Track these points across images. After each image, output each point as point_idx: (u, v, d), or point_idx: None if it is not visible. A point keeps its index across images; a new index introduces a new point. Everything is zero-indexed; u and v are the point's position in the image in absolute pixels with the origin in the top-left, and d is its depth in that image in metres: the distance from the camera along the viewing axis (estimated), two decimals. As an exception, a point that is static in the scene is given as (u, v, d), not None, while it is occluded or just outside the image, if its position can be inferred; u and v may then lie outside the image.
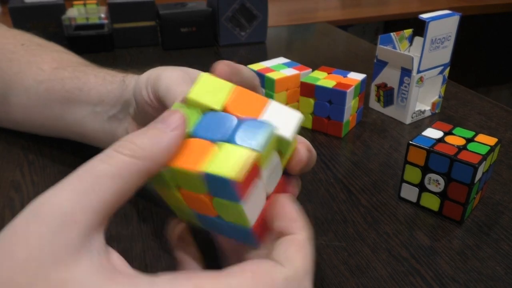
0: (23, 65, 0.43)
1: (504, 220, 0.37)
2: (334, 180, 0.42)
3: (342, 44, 0.87)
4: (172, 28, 0.79)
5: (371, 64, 0.56)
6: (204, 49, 0.81)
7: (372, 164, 0.45)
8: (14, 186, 0.41)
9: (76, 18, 0.75)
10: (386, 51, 0.52)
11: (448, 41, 0.52)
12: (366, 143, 0.49)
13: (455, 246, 0.34)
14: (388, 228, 0.36)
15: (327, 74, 0.52)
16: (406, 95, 0.52)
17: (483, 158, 0.34)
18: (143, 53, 0.78)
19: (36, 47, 0.46)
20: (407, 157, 0.37)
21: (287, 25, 1.02)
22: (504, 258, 0.33)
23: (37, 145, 0.47)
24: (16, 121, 0.46)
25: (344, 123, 0.50)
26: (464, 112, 0.57)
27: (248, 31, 0.83)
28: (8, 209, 0.38)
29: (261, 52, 0.80)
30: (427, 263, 0.33)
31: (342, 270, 0.32)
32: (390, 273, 0.32)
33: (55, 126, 0.43)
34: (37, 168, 0.44)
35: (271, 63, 0.55)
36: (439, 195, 0.37)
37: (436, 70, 0.53)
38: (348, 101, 0.48)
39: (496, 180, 0.42)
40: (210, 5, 0.82)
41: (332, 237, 0.35)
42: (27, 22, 0.74)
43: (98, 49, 0.78)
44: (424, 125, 0.53)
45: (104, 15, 0.76)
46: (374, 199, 0.40)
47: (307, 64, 0.55)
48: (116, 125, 0.37)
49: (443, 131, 0.39)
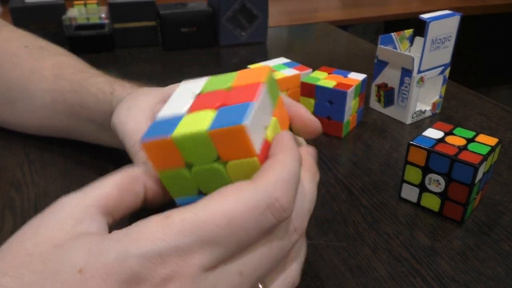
0: (26, 70, 0.44)
1: (504, 221, 0.37)
2: (334, 180, 0.42)
3: (343, 44, 0.86)
4: (173, 28, 0.79)
5: (372, 64, 0.56)
6: (204, 49, 0.81)
7: (373, 164, 0.45)
8: (14, 185, 0.41)
9: (76, 18, 0.75)
10: (387, 51, 0.52)
11: (448, 41, 0.52)
12: (367, 143, 0.49)
13: (456, 247, 0.34)
14: (389, 228, 0.36)
15: (328, 74, 0.52)
16: (407, 95, 0.52)
17: (483, 158, 0.34)
18: (143, 53, 0.78)
19: (39, 50, 0.47)
20: (408, 157, 0.37)
21: (287, 25, 1.02)
22: (505, 259, 0.33)
23: (38, 145, 0.47)
24: (23, 125, 0.47)
25: (345, 123, 0.50)
26: (464, 112, 0.57)
27: (248, 31, 0.83)
28: (9, 209, 0.38)
29: (262, 52, 0.80)
30: (428, 264, 0.33)
31: (342, 270, 0.32)
32: (391, 273, 0.32)
33: (66, 133, 0.44)
34: (38, 168, 0.44)
35: (272, 63, 0.55)
36: (439, 195, 0.37)
37: (437, 71, 0.53)
38: (349, 101, 0.48)
39: (497, 181, 0.42)
40: (210, 5, 0.82)
41: (333, 237, 0.35)
42: (28, 22, 0.74)
43: (99, 49, 0.78)
44: (425, 125, 0.53)
45: (105, 15, 0.76)
46: (375, 199, 0.40)
47: (308, 64, 0.55)
48: None
49: (444, 131, 0.39)
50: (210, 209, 0.19)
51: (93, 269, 0.17)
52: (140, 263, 0.18)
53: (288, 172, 0.21)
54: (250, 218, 0.19)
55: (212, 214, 0.19)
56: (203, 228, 0.18)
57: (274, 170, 0.20)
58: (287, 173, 0.21)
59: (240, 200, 0.19)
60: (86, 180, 0.23)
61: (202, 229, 0.18)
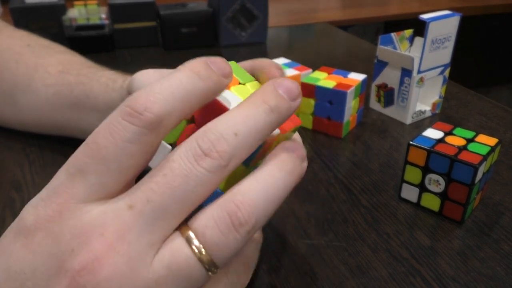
0: (30, 67, 0.44)
1: (504, 221, 0.37)
2: (334, 180, 0.42)
3: (343, 44, 0.87)
4: (173, 29, 0.79)
5: (372, 65, 0.56)
6: (204, 49, 0.81)
7: (373, 164, 0.45)
8: (14, 186, 0.41)
9: (76, 19, 0.75)
10: (387, 51, 0.52)
11: (448, 41, 0.52)
12: (367, 144, 0.49)
13: (456, 247, 0.34)
14: (389, 228, 0.36)
15: (328, 75, 0.52)
16: (407, 96, 0.52)
17: (483, 158, 0.34)
18: (143, 54, 0.78)
19: (42, 48, 0.47)
20: (408, 157, 0.37)
21: (287, 25, 1.02)
22: (505, 259, 0.33)
23: (38, 145, 0.47)
24: (24, 122, 0.46)
25: (345, 124, 0.50)
26: (464, 112, 0.57)
27: (248, 31, 0.83)
28: (9, 209, 0.38)
29: (262, 53, 0.80)
30: (428, 264, 0.33)
31: (342, 270, 0.32)
32: (391, 273, 0.32)
33: (67, 128, 0.44)
34: (38, 168, 0.44)
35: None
36: (439, 195, 0.37)
37: (437, 71, 0.53)
38: (349, 101, 0.48)
39: (497, 181, 0.42)
40: (210, 5, 0.82)
41: (332, 237, 0.35)
42: (28, 22, 0.74)
43: (99, 50, 0.78)
44: (425, 125, 0.53)
45: (105, 16, 0.76)
46: (375, 199, 0.40)
47: (308, 64, 0.55)
48: None
49: (444, 132, 0.39)
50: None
51: (5, 233, 0.19)
52: (29, 212, 0.19)
53: (159, 82, 0.19)
54: (102, 133, 0.18)
55: (79, 147, 0.19)
56: (70, 161, 0.19)
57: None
58: (156, 83, 0.19)
59: (102, 123, 0.19)
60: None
61: (70, 162, 0.19)
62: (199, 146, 0.18)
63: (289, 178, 0.21)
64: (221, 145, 0.19)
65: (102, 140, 0.18)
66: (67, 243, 0.18)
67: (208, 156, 0.18)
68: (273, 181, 0.20)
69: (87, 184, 0.18)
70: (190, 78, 0.20)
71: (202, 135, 0.19)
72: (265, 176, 0.20)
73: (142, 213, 0.18)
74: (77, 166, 0.18)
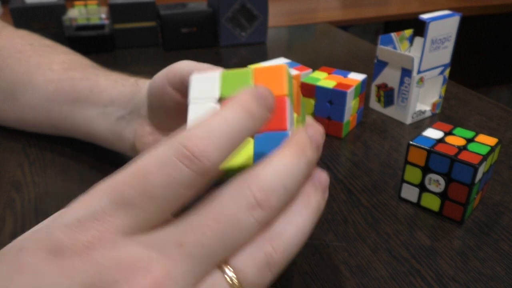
0: (32, 64, 0.44)
1: (504, 221, 0.37)
2: (334, 180, 0.42)
3: (343, 44, 0.87)
4: (173, 29, 0.79)
5: (372, 65, 0.56)
6: (204, 49, 0.81)
7: (373, 164, 0.45)
8: (15, 186, 0.41)
9: (77, 19, 0.75)
10: (387, 51, 0.52)
11: (448, 41, 0.52)
12: (367, 144, 0.49)
13: (456, 247, 0.34)
14: (389, 228, 0.36)
15: (328, 75, 0.52)
16: (407, 96, 0.52)
17: (483, 158, 0.35)
18: (143, 54, 0.78)
19: (45, 48, 0.47)
20: (408, 157, 0.37)
21: (287, 25, 1.02)
22: (505, 259, 0.33)
23: (38, 145, 0.47)
24: (23, 119, 0.46)
25: (345, 124, 0.50)
26: (464, 112, 0.57)
27: (248, 31, 0.83)
28: (9, 209, 0.38)
29: (262, 53, 0.80)
30: (428, 264, 0.33)
31: (343, 270, 0.32)
32: (391, 273, 0.32)
33: (63, 125, 0.43)
34: (38, 169, 0.44)
35: (272, 64, 0.55)
36: (439, 195, 0.37)
37: (437, 71, 0.53)
38: (349, 101, 0.48)
39: (497, 181, 0.42)
40: (210, 5, 0.82)
41: (333, 237, 0.35)
42: (28, 22, 0.74)
43: (99, 50, 0.78)
44: (425, 125, 0.53)
45: (105, 16, 0.76)
46: (375, 199, 0.40)
47: (308, 64, 0.55)
48: (124, 126, 0.37)
49: (444, 132, 0.39)
50: (125, 170, 0.18)
51: (29, 245, 0.18)
52: (63, 232, 0.18)
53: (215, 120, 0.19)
54: (154, 170, 0.18)
55: (123, 174, 0.18)
56: (114, 188, 0.18)
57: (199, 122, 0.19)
58: (211, 121, 0.19)
59: (150, 155, 0.18)
60: (86, 180, 0.23)
61: (113, 189, 0.18)
62: (253, 195, 0.19)
63: (316, 217, 0.21)
64: (274, 199, 0.19)
65: (153, 178, 0.18)
66: (110, 274, 0.17)
67: (261, 208, 0.19)
68: (304, 225, 0.21)
69: (131, 217, 0.18)
70: (244, 119, 0.19)
71: (255, 182, 0.19)
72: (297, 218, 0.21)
73: (191, 254, 0.18)
74: (123, 197, 0.18)
